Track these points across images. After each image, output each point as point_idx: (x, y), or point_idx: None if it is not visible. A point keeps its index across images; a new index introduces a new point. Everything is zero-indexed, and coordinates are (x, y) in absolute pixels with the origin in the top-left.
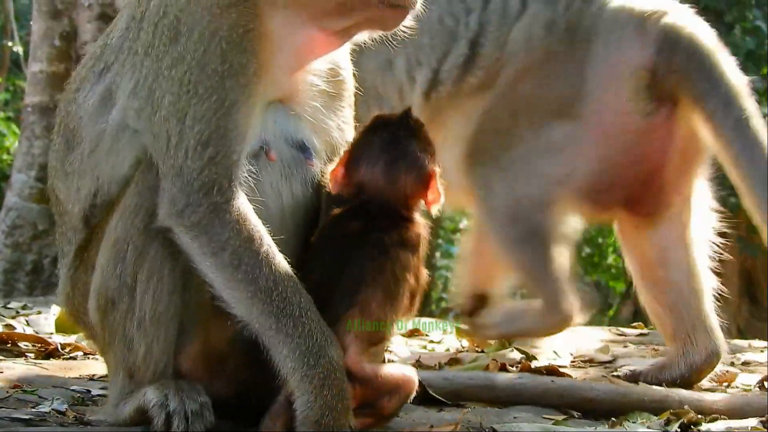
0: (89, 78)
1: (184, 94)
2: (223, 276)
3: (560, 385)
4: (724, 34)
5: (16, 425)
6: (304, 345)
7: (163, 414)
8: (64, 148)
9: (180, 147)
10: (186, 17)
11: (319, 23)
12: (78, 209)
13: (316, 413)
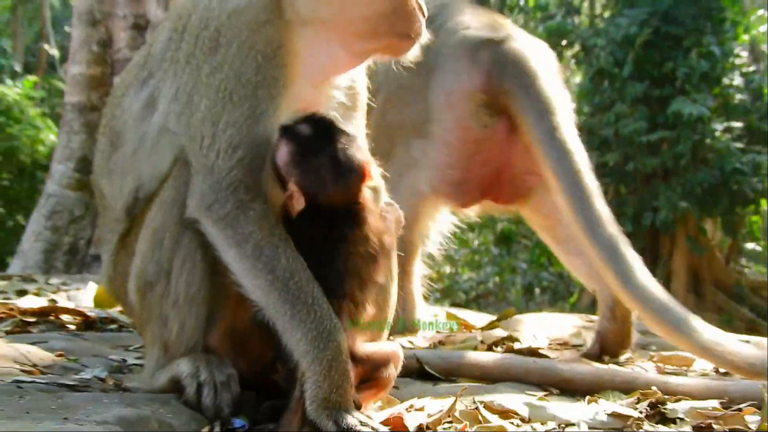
0: (134, 85)
1: (220, 100)
2: (244, 265)
3: (541, 365)
4: (681, 58)
5: (63, 390)
6: (315, 330)
7: (195, 383)
8: (109, 149)
9: (212, 148)
10: (226, 30)
11: (342, 45)
12: (121, 203)
13: (325, 391)
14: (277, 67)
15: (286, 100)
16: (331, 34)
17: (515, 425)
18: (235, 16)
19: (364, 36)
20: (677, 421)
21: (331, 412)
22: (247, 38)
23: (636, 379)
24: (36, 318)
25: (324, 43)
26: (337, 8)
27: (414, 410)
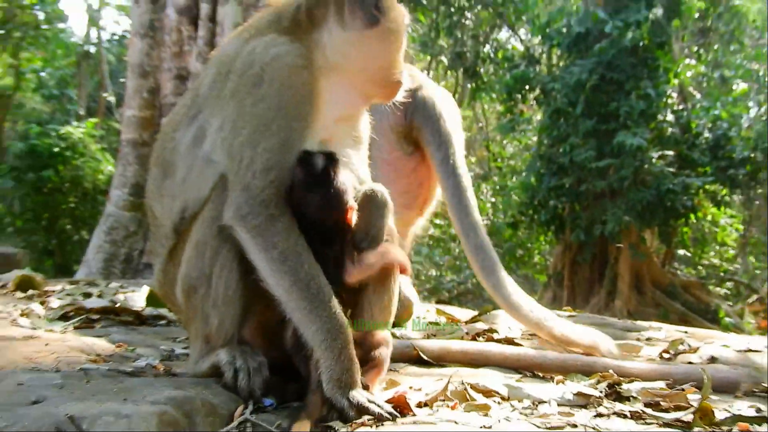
0: (184, 122)
1: (261, 126)
2: (270, 267)
3: (516, 352)
4: (623, 99)
5: (122, 376)
6: (329, 323)
7: (232, 369)
8: (161, 177)
9: (250, 168)
10: (270, 70)
11: (357, 89)
12: (170, 222)
13: (338, 373)
14: (309, 104)
15: (312, 132)
16: (350, 81)
17: (497, 402)
18: (278, 59)
19: (373, 82)
20: (630, 399)
21: (344, 390)
22: (287, 78)
23: (595, 363)
24: (99, 315)
25: (344, 87)
26: (357, 61)
27: (413, 390)
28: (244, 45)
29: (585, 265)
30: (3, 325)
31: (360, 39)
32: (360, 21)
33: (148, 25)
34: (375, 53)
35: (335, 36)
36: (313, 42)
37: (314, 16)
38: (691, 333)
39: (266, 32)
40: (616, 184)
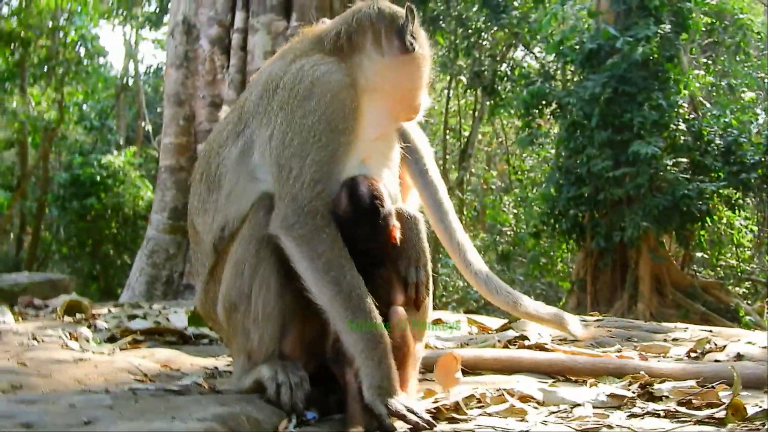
0: (231, 137)
1: (311, 138)
2: (315, 276)
3: (549, 357)
4: (636, 110)
5: (169, 395)
6: (370, 332)
7: (274, 385)
8: (205, 192)
9: (299, 179)
10: (320, 83)
11: (390, 110)
12: (210, 239)
13: (377, 380)
14: (354, 120)
15: (354, 148)
16: (385, 102)
17: (533, 407)
18: (328, 75)
19: (403, 104)
20: (663, 398)
21: (383, 397)
22: (336, 93)
23: (626, 365)
24: (144, 336)
25: (380, 108)
26: (393, 84)
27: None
28: (291, 64)
29: (606, 270)
30: (54, 349)
31: (396, 65)
32: (396, 49)
33: (183, 56)
34: (409, 77)
35: (375, 61)
36: (355, 65)
37: (354, 42)
38: (716, 332)
39: (312, 53)
40: (633, 191)
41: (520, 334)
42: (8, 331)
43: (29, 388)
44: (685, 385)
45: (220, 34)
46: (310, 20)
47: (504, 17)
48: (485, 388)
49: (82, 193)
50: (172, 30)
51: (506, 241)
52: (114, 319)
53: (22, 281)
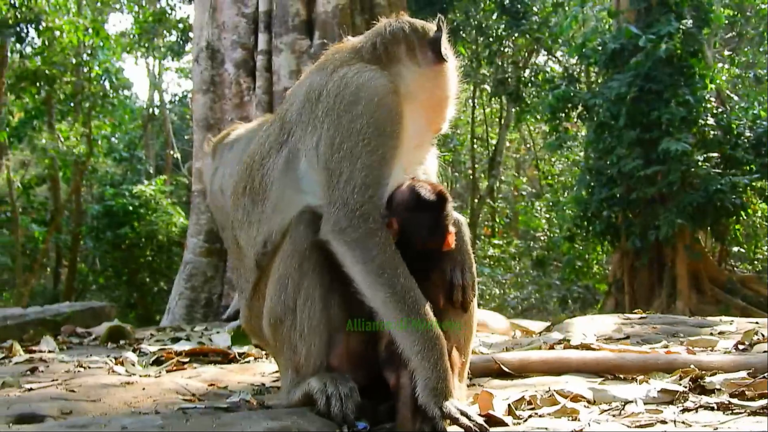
0: (274, 147)
1: (360, 142)
2: (368, 279)
3: (596, 356)
4: (664, 107)
5: (219, 412)
6: (427, 335)
7: (324, 397)
8: (250, 204)
9: (349, 183)
10: (367, 89)
11: (427, 118)
12: (252, 254)
13: (433, 382)
14: (400, 125)
15: (399, 154)
16: (421, 111)
17: (584, 406)
18: (373, 80)
19: (436, 113)
20: (715, 391)
21: (438, 399)
22: (383, 98)
23: (675, 360)
24: (189, 358)
25: (418, 116)
26: (429, 93)
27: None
28: (333, 74)
29: (643, 270)
30: (100, 374)
31: (432, 75)
32: (431, 59)
33: (209, 81)
34: (442, 87)
35: (412, 71)
36: (395, 74)
37: (391, 53)
38: (762, 323)
39: (352, 62)
40: (666, 189)
41: (564, 336)
42: (54, 359)
43: (79, 413)
44: (737, 376)
45: (245, 57)
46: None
47: (524, 23)
48: (534, 390)
49: (116, 223)
50: (197, 56)
51: (540, 247)
52: (157, 343)
53: (64, 311)
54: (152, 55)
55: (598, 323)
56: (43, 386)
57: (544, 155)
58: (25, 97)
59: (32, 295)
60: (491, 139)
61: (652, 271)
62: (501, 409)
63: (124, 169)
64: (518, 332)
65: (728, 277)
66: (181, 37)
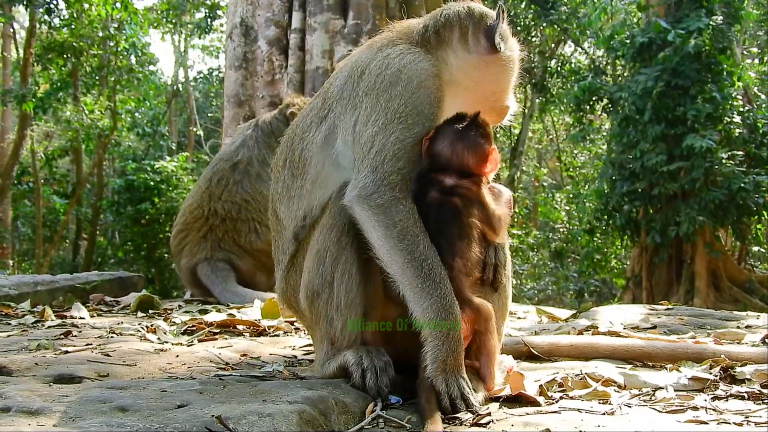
0: (314, 122)
1: (395, 119)
2: (388, 244)
3: (625, 343)
4: (690, 103)
5: (255, 380)
6: (440, 303)
7: (360, 370)
8: (290, 178)
9: (380, 153)
10: (407, 71)
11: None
12: (292, 227)
13: (444, 354)
14: (439, 108)
15: None
16: (467, 99)
17: (615, 391)
18: (414, 63)
19: (485, 104)
20: (746, 381)
21: (447, 374)
22: (422, 80)
23: (705, 350)
24: (219, 329)
25: (462, 104)
26: (476, 82)
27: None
28: (378, 52)
29: (662, 266)
30: (133, 341)
31: (482, 63)
32: (483, 48)
33: (242, 58)
34: (493, 78)
35: (460, 57)
36: (440, 58)
37: (441, 37)
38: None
39: (398, 43)
40: (688, 185)
41: (591, 323)
42: (86, 325)
43: (115, 376)
44: (767, 368)
45: (278, 35)
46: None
47: (553, 13)
48: (565, 373)
49: (137, 198)
50: (231, 32)
51: (559, 239)
52: (187, 314)
53: (94, 279)
54: (179, 31)
55: (624, 312)
56: (78, 350)
57: (566, 147)
58: (52, 69)
59: (51, 266)
60: (514, 128)
61: (671, 267)
62: (532, 389)
63: (147, 144)
64: (544, 318)
65: (747, 276)
66: (209, 15)
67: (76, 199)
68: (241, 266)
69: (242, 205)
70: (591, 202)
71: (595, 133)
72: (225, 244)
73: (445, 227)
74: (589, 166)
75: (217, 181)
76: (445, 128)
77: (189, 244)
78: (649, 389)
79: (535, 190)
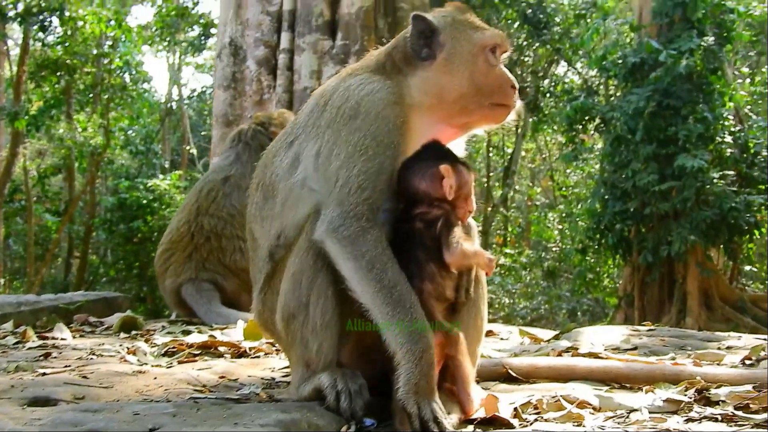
0: (283, 147)
1: (357, 151)
2: (358, 275)
3: (604, 364)
4: (681, 123)
5: (230, 403)
6: (411, 327)
7: (334, 392)
8: (262, 200)
9: (345, 186)
10: (365, 103)
11: (447, 121)
12: (266, 246)
13: (416, 377)
14: (401, 136)
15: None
16: (436, 114)
17: (590, 413)
18: (372, 94)
19: (460, 113)
20: (720, 403)
21: (418, 397)
22: (381, 110)
23: (682, 371)
24: (200, 350)
25: (432, 121)
26: (436, 96)
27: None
28: (342, 82)
29: (654, 285)
30: (112, 362)
31: (428, 76)
32: (418, 60)
33: (231, 78)
34: (446, 85)
35: (412, 76)
36: (399, 83)
37: (394, 60)
38: None
39: (361, 72)
40: (680, 205)
41: (572, 344)
42: (67, 346)
43: (92, 398)
44: (742, 389)
45: (267, 55)
46: (355, 40)
47: (545, 33)
48: (541, 395)
49: (129, 217)
50: (220, 52)
51: (552, 258)
52: (169, 335)
53: (78, 300)
54: (173, 49)
55: (606, 333)
56: (57, 371)
57: (559, 166)
58: (45, 86)
59: (42, 284)
60: (507, 147)
61: (663, 286)
62: (507, 412)
63: (140, 162)
64: (527, 339)
65: (739, 295)
66: (203, 33)
67: (69, 217)
68: (225, 286)
69: (228, 221)
70: (583, 221)
71: (588, 152)
72: (210, 264)
73: (414, 252)
74: (581, 186)
75: (207, 193)
76: (406, 159)
77: (174, 264)
78: (623, 411)
79: (528, 209)
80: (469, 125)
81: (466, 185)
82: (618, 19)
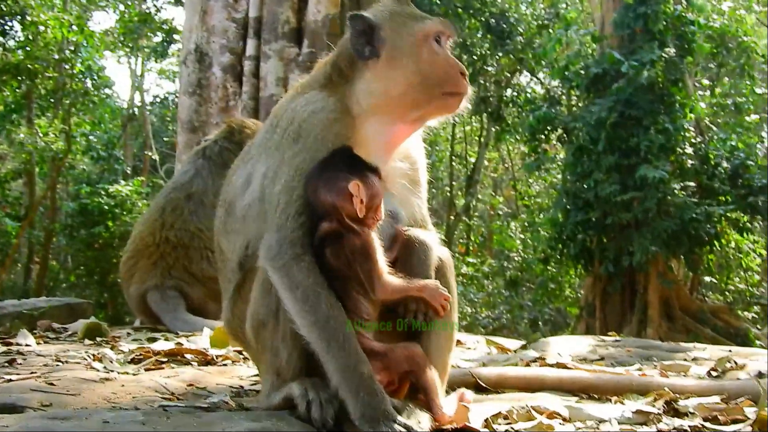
0: (240, 165)
1: (297, 176)
2: (295, 306)
3: (572, 375)
4: (643, 134)
5: (199, 411)
6: (344, 362)
7: (305, 402)
8: (225, 215)
9: (284, 212)
10: (307, 124)
11: (398, 119)
12: (235, 257)
13: (359, 410)
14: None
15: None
16: (388, 114)
17: (559, 424)
18: (314, 115)
19: (412, 107)
20: (688, 414)
21: (372, 423)
22: (321, 131)
23: (650, 382)
24: (167, 358)
25: (384, 122)
26: (384, 94)
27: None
28: (290, 102)
29: (615, 295)
30: (79, 369)
31: (372, 76)
32: (361, 61)
33: (196, 84)
34: (394, 80)
35: (359, 80)
36: (345, 94)
37: (341, 69)
38: (734, 351)
39: (307, 90)
40: (641, 215)
41: (540, 354)
42: (31, 352)
43: (59, 405)
44: (710, 401)
45: (233, 62)
46: (321, 47)
47: (509, 43)
48: (511, 405)
49: (90, 222)
50: (185, 58)
51: (514, 267)
52: (135, 342)
53: (41, 305)
54: (135, 55)
55: (573, 344)
56: (23, 378)
57: (521, 176)
58: (6, 91)
59: (2, 289)
60: (470, 157)
61: (624, 296)
62: (478, 422)
63: (101, 168)
64: (494, 349)
65: (699, 306)
66: (166, 39)
67: (29, 222)
68: (191, 294)
69: (195, 234)
70: (545, 231)
71: (550, 162)
72: (176, 271)
73: (340, 276)
74: (544, 195)
75: (171, 210)
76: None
77: (139, 271)
78: (593, 422)
79: (491, 219)
80: (424, 118)
81: (377, 196)
82: (580, 30)
